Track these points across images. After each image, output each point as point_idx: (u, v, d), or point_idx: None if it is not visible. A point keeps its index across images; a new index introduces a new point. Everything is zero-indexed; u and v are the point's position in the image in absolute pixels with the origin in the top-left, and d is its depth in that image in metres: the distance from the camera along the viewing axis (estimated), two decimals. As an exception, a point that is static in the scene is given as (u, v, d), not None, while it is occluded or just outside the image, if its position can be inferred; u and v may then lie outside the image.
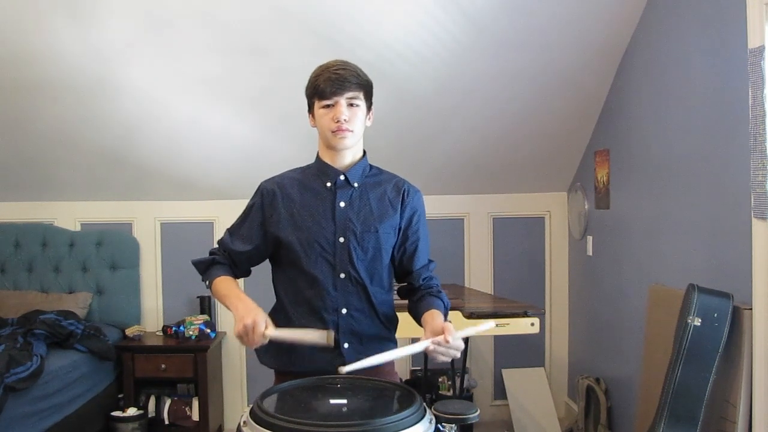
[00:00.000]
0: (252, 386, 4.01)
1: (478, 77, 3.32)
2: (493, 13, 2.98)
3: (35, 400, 2.86)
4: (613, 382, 3.48)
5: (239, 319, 1.58)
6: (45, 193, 3.95)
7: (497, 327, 2.90)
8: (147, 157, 3.68)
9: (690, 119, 2.68)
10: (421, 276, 1.82)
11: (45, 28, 2.97)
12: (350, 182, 1.77)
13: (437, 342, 1.52)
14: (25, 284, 3.86)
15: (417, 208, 1.83)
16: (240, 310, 1.60)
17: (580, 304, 4.01)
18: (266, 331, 1.56)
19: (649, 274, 3.02)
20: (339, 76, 1.67)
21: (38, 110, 3.39)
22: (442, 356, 1.55)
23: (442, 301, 1.77)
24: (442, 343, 1.52)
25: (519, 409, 3.89)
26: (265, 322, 1.57)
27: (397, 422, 1.26)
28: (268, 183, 1.82)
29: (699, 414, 2.24)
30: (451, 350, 1.53)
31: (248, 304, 1.63)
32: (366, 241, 1.75)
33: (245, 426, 1.30)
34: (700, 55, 2.59)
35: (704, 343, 2.24)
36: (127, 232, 3.99)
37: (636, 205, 3.21)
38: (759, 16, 2.17)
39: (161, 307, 4.02)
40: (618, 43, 3.20)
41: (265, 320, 1.58)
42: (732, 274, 2.36)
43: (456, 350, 1.54)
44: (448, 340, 1.51)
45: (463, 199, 4.10)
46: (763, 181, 2.15)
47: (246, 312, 1.59)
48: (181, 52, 3.13)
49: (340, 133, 1.69)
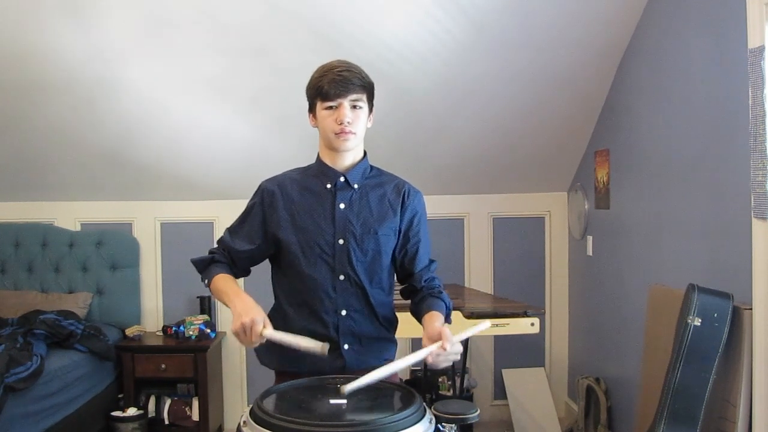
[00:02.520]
0: (252, 386, 4.00)
1: (478, 77, 3.32)
2: (493, 13, 2.98)
3: (35, 400, 2.86)
4: (613, 382, 3.48)
5: (237, 317, 1.57)
6: (45, 193, 3.95)
7: (497, 327, 2.90)
8: (147, 157, 3.68)
9: (690, 119, 2.68)
10: (422, 277, 1.82)
11: (45, 28, 2.97)
12: (350, 184, 1.77)
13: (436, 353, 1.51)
14: (25, 284, 3.86)
15: (417, 210, 1.83)
16: (238, 308, 1.59)
17: (580, 304, 4.01)
18: (264, 332, 1.56)
19: (649, 274, 3.02)
20: (343, 78, 1.67)
21: (38, 110, 3.39)
22: (442, 363, 1.55)
23: (443, 302, 1.77)
24: (440, 352, 1.51)
25: (519, 409, 3.89)
26: (263, 322, 1.57)
27: (397, 422, 1.26)
28: (268, 183, 1.82)
29: (699, 414, 2.24)
30: (450, 356, 1.53)
31: (247, 302, 1.62)
32: (365, 243, 1.74)
33: (245, 426, 1.30)
34: (700, 55, 2.59)
35: (704, 343, 2.24)
36: (127, 232, 3.99)
37: (636, 205, 3.21)
38: (759, 16, 2.16)
39: (161, 307, 4.02)
40: (618, 43, 3.20)
41: (263, 320, 1.57)
42: (732, 274, 2.35)
43: (455, 355, 1.54)
44: (445, 347, 1.51)
45: (463, 199, 4.10)
46: (763, 181, 2.15)
47: (244, 310, 1.58)
48: (181, 52, 3.12)
49: (343, 135, 1.69)
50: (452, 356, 1.53)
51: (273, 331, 1.58)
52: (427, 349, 1.53)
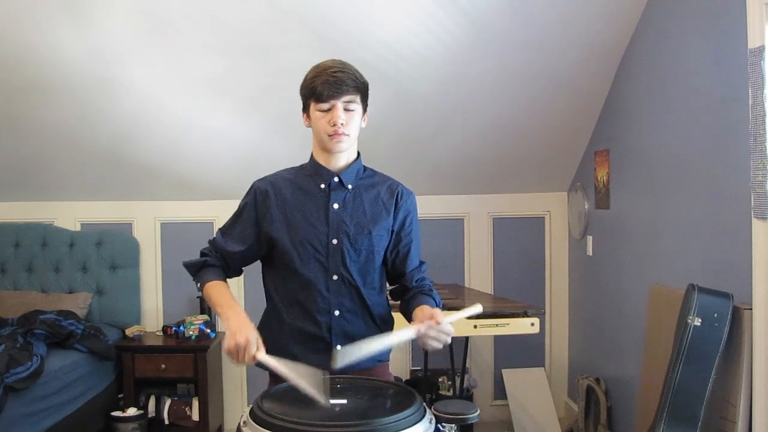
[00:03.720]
0: (252, 386, 4.00)
1: (478, 77, 3.32)
2: (493, 13, 2.98)
3: (35, 400, 2.86)
4: (613, 382, 3.48)
5: (231, 335, 1.53)
6: (45, 193, 3.95)
7: (497, 327, 2.91)
8: (147, 157, 3.68)
9: (690, 119, 2.68)
10: (413, 278, 1.83)
11: (45, 28, 2.97)
12: (344, 184, 1.76)
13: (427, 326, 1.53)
14: (25, 284, 3.86)
15: (410, 211, 1.83)
16: (233, 325, 1.56)
17: (580, 304, 4.01)
18: (257, 354, 1.53)
19: (649, 274, 3.02)
20: (337, 79, 1.66)
21: (38, 110, 3.39)
22: (433, 341, 1.55)
23: (433, 299, 1.77)
24: (432, 326, 1.52)
25: (519, 409, 3.89)
26: (256, 344, 1.54)
27: (397, 422, 1.26)
28: (261, 182, 1.81)
29: (699, 414, 2.24)
30: (441, 334, 1.54)
31: (241, 318, 1.59)
32: (359, 243, 1.74)
33: (245, 426, 1.31)
34: (700, 55, 2.59)
35: (704, 343, 2.24)
36: (127, 232, 3.99)
37: (636, 205, 3.21)
38: (759, 16, 2.16)
39: (161, 307, 4.02)
40: (618, 43, 3.20)
41: (256, 341, 1.54)
42: (732, 274, 2.35)
43: (447, 334, 1.55)
44: (439, 321, 1.52)
45: (463, 199, 4.10)
46: (763, 181, 2.15)
47: (239, 328, 1.54)
48: (181, 52, 3.12)
49: (337, 137, 1.69)
50: (443, 335, 1.55)
51: (266, 356, 1.54)
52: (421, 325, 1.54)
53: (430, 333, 1.53)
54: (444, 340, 1.56)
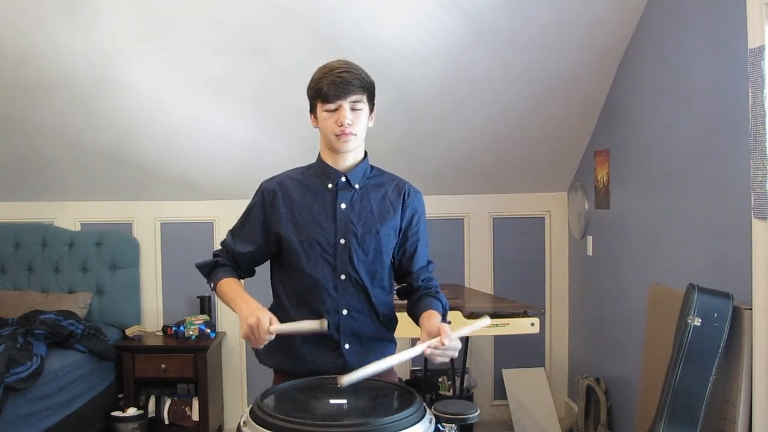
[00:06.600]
0: (252, 386, 4.00)
1: (478, 77, 3.32)
2: (494, 13, 2.98)
3: (35, 400, 2.86)
4: (613, 382, 3.48)
5: (243, 320, 1.58)
6: (45, 193, 3.95)
7: (497, 327, 2.91)
8: (147, 157, 3.68)
9: (690, 119, 2.68)
10: (420, 277, 1.83)
11: (45, 28, 2.97)
12: (351, 184, 1.77)
13: (434, 345, 1.52)
14: (25, 284, 3.86)
15: (417, 210, 1.83)
16: (244, 311, 1.60)
17: (580, 304, 4.01)
18: (271, 327, 1.57)
19: (649, 274, 3.02)
20: (343, 79, 1.66)
21: (38, 110, 3.38)
22: (439, 358, 1.55)
23: (440, 302, 1.77)
24: (438, 346, 1.52)
25: (519, 409, 3.89)
26: (269, 319, 1.57)
27: (397, 422, 1.27)
28: (268, 182, 1.82)
29: (699, 414, 2.24)
30: (448, 351, 1.54)
31: (251, 304, 1.63)
32: (367, 243, 1.75)
33: (245, 426, 1.31)
34: (700, 55, 2.59)
35: (704, 343, 2.24)
36: (127, 232, 3.99)
37: (636, 205, 3.21)
38: (759, 16, 2.16)
39: (161, 307, 4.02)
40: (618, 43, 3.20)
41: (269, 317, 1.58)
42: (732, 274, 2.35)
43: (453, 351, 1.54)
44: (443, 342, 1.51)
45: (463, 199, 4.10)
46: (763, 181, 2.15)
47: (249, 312, 1.59)
48: (181, 52, 3.12)
49: (344, 137, 1.69)
50: (450, 352, 1.54)
51: (280, 326, 1.60)
52: (425, 343, 1.53)
53: (437, 352, 1.53)
54: (451, 356, 1.57)
